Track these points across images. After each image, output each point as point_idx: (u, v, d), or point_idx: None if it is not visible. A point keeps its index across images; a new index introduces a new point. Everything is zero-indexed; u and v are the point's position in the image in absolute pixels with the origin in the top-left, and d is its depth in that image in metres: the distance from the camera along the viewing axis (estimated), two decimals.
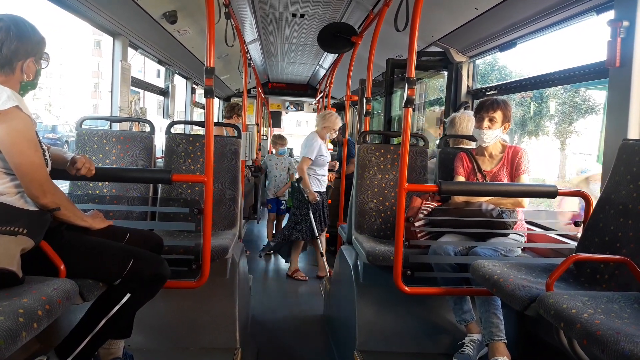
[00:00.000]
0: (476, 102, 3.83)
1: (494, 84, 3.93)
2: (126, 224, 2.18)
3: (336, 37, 4.07)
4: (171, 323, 2.54)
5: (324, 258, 4.59)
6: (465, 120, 3.19)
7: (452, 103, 4.01)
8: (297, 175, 4.83)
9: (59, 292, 1.41)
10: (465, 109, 3.76)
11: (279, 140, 6.03)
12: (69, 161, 1.94)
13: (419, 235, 2.64)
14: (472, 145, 3.04)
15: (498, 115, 2.56)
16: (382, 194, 3.08)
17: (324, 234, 4.70)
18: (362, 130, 3.68)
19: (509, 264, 1.93)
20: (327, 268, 4.44)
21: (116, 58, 3.72)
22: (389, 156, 3.12)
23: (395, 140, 4.41)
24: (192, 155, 3.06)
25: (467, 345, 2.33)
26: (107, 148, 2.94)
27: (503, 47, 3.41)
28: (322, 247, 4.60)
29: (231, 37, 3.78)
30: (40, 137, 1.76)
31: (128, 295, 1.73)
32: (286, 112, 12.22)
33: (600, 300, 1.42)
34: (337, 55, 5.25)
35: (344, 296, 3.00)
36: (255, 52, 6.89)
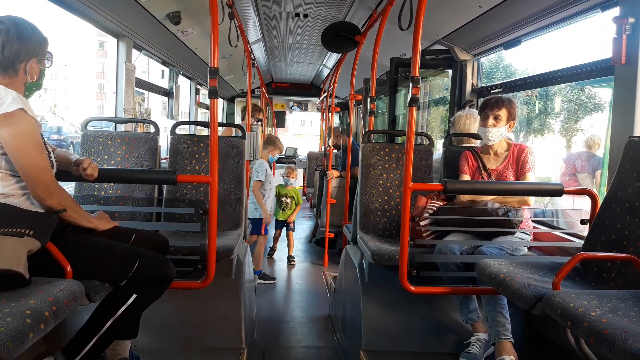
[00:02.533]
0: (481, 100, 3.82)
1: (498, 82, 3.91)
2: (132, 225, 2.19)
3: (340, 37, 4.05)
4: (177, 323, 2.54)
5: None
6: (464, 119, 3.18)
7: (457, 101, 4.00)
8: None
9: (65, 293, 1.42)
10: (470, 107, 3.74)
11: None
12: (73, 162, 1.94)
13: (424, 234, 2.63)
14: (477, 143, 3.03)
15: (503, 113, 2.55)
16: (387, 194, 3.08)
17: None
18: (367, 130, 3.67)
19: (515, 262, 1.93)
20: None
21: (120, 59, 3.74)
22: (393, 155, 3.12)
23: (399, 139, 4.40)
24: (196, 156, 3.07)
25: (473, 345, 2.32)
26: (112, 149, 2.95)
27: (508, 45, 3.39)
28: None
29: (235, 37, 3.77)
30: (46, 139, 1.77)
31: (134, 296, 1.74)
32: (290, 112, 12.22)
33: (607, 299, 1.41)
34: (340, 54, 5.23)
35: (349, 296, 3.00)
36: (258, 52, 6.89)
